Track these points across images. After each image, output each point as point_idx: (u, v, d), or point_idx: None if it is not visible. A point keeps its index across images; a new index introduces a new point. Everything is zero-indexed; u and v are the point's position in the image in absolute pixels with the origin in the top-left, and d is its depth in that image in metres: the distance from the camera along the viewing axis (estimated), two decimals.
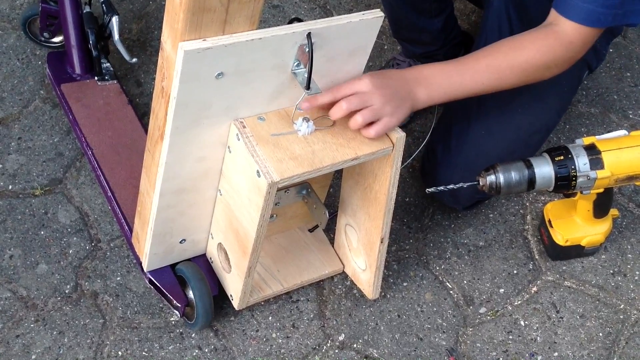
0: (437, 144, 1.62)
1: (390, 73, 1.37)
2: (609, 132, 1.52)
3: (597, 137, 1.49)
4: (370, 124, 1.32)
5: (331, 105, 1.31)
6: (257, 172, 1.26)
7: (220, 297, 1.52)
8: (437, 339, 1.57)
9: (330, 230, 1.64)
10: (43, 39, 1.89)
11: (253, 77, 1.23)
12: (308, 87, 1.25)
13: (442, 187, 1.46)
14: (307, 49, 1.22)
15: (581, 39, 1.41)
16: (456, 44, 1.85)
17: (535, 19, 1.49)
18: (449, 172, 1.56)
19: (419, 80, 1.38)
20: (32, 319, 1.52)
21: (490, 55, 1.42)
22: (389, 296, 1.62)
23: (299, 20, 1.24)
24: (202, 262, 1.53)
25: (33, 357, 1.47)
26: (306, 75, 1.24)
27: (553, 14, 1.42)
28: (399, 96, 1.34)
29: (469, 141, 1.57)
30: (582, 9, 1.37)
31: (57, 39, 1.90)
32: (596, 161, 1.46)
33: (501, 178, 1.43)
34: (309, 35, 1.21)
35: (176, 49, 1.13)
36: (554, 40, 1.40)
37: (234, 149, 1.31)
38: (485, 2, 1.65)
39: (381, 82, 1.32)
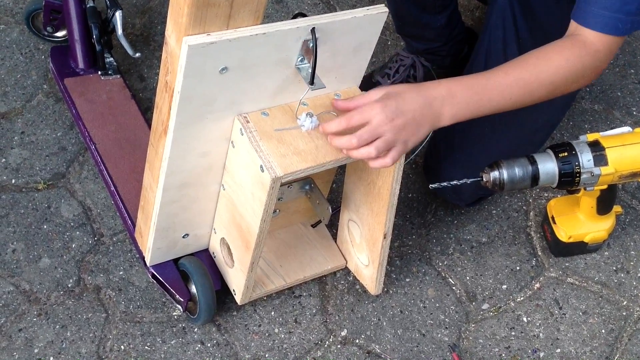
0: (440, 141, 1.61)
1: (408, 94, 1.28)
2: (612, 128, 1.52)
3: (601, 133, 1.49)
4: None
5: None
6: (261, 167, 1.26)
7: (222, 292, 1.53)
8: (439, 335, 1.57)
9: (333, 225, 1.64)
10: (46, 33, 1.89)
11: (257, 72, 1.23)
12: (312, 83, 1.25)
13: (445, 183, 1.45)
14: (311, 44, 1.22)
15: (606, 47, 1.37)
16: (460, 40, 1.85)
17: (540, 16, 1.48)
18: (451, 169, 1.56)
19: (445, 99, 1.30)
20: (35, 312, 1.52)
21: (519, 67, 1.36)
22: (391, 292, 1.62)
23: (303, 16, 1.24)
24: (205, 256, 1.53)
25: (35, 350, 1.48)
26: (310, 71, 1.24)
27: (573, 25, 1.38)
28: (415, 122, 1.28)
29: (472, 138, 1.57)
30: (601, 17, 1.34)
31: (61, 34, 1.90)
32: (600, 158, 1.46)
33: (505, 174, 1.43)
34: (313, 30, 1.21)
35: (180, 44, 1.12)
36: (581, 50, 1.36)
37: (238, 144, 1.31)
38: None
39: (395, 109, 1.26)
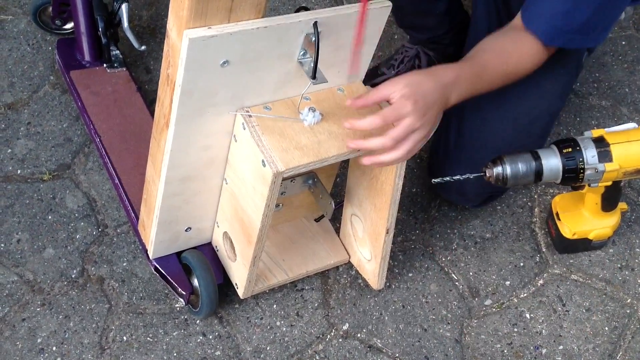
0: (438, 139, 1.62)
1: (427, 85, 1.30)
2: (620, 124, 1.51)
3: (606, 129, 1.48)
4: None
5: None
6: (263, 161, 1.26)
7: (225, 285, 1.53)
8: (441, 330, 1.56)
9: (336, 219, 1.64)
10: (55, 26, 1.89)
11: (259, 66, 1.22)
12: (314, 77, 1.25)
13: (448, 178, 1.45)
14: (314, 38, 1.22)
15: (546, 54, 1.45)
16: (462, 28, 1.83)
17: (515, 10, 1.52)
18: (450, 167, 1.55)
19: (454, 84, 1.34)
20: (39, 302, 1.53)
21: (499, 60, 1.41)
22: (394, 286, 1.62)
23: (306, 9, 1.24)
24: (207, 250, 1.53)
25: (39, 340, 1.49)
26: (312, 65, 1.24)
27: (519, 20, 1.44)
28: (439, 112, 1.32)
29: (466, 134, 1.56)
30: (543, 23, 1.41)
31: (69, 26, 1.90)
32: (605, 154, 1.45)
33: (508, 169, 1.42)
34: (315, 24, 1.21)
35: (181, 37, 1.12)
36: (533, 54, 1.43)
37: (240, 138, 1.31)
38: None
39: (424, 105, 1.27)
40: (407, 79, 1.29)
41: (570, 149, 1.44)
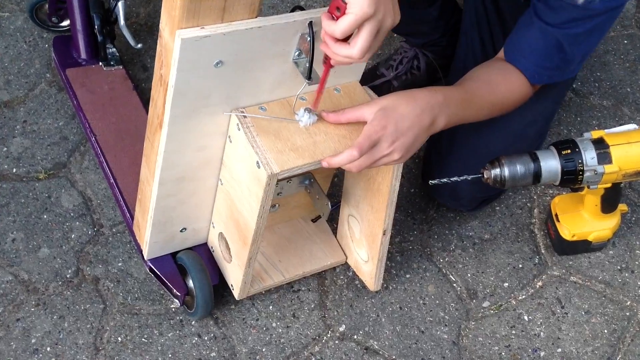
0: (431, 147, 1.61)
1: (403, 108, 1.27)
2: (621, 125, 1.50)
3: (606, 130, 1.47)
4: None
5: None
6: (257, 163, 1.25)
7: (220, 286, 1.52)
8: (438, 332, 1.55)
9: (333, 220, 1.63)
10: (51, 23, 1.88)
11: (253, 67, 1.21)
12: (309, 78, 1.23)
13: (445, 179, 1.43)
14: (309, 39, 1.20)
15: (531, 91, 1.47)
16: (459, 29, 1.82)
17: (507, 18, 1.53)
18: (442, 174, 1.53)
19: (442, 106, 1.31)
20: (33, 303, 1.52)
21: (488, 91, 1.42)
22: (391, 288, 1.60)
23: (301, 9, 1.23)
24: (203, 250, 1.52)
25: (33, 341, 1.48)
26: (307, 65, 1.23)
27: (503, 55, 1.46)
28: (414, 137, 1.28)
29: (458, 141, 1.55)
30: (528, 63, 1.42)
31: (66, 23, 1.89)
32: (604, 155, 1.43)
33: (506, 171, 1.41)
34: (310, 24, 1.19)
35: (174, 37, 1.11)
36: (521, 87, 1.45)
37: (235, 139, 1.30)
38: None
39: (395, 131, 1.26)
40: (385, 101, 1.28)
41: (569, 151, 1.42)
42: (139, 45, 1.73)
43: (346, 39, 1.14)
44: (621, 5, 1.37)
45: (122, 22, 1.70)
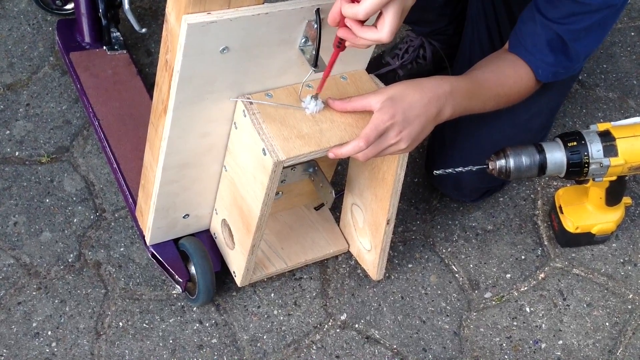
0: (434, 137, 1.60)
1: (411, 98, 1.27)
2: (627, 117, 1.49)
3: (612, 123, 1.46)
4: None
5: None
6: (263, 150, 1.24)
7: (222, 272, 1.52)
8: (440, 323, 1.55)
9: (336, 209, 1.62)
10: (55, 6, 1.87)
11: (259, 53, 1.20)
12: (316, 65, 1.23)
13: (450, 170, 1.43)
14: (316, 26, 1.19)
15: (536, 85, 1.45)
16: (465, 18, 1.81)
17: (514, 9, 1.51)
18: (445, 165, 1.52)
19: (448, 96, 1.30)
20: (35, 286, 1.52)
21: (495, 82, 1.40)
22: (393, 277, 1.60)
23: None
24: (205, 237, 1.52)
25: (34, 324, 1.48)
26: (314, 53, 1.22)
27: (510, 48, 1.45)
28: (421, 127, 1.28)
29: (461, 132, 1.54)
30: (541, 64, 1.41)
31: (70, 6, 1.88)
32: (610, 148, 1.42)
33: (511, 162, 1.40)
34: (317, 11, 1.18)
35: (180, 22, 1.10)
36: (528, 81, 1.44)
37: (240, 126, 1.29)
38: None
39: (402, 120, 1.25)
40: (392, 90, 1.27)
41: (575, 143, 1.42)
42: (143, 30, 1.72)
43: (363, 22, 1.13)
44: (622, 2, 1.36)
45: (126, 6, 1.69)
